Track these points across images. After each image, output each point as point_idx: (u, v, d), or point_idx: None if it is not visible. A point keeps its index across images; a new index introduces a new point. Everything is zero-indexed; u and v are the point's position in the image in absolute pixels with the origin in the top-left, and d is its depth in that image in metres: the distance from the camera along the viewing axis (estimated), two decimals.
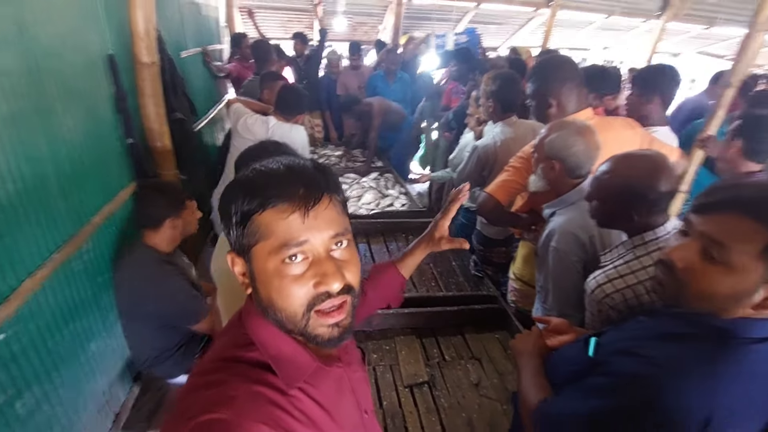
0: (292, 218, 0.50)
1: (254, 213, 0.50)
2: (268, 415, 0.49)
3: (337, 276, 0.51)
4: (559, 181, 1.31)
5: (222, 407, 0.46)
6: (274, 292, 0.51)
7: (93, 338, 1.52)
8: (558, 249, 1.26)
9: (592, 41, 7.17)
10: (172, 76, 2.27)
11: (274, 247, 0.50)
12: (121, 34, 1.71)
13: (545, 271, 1.33)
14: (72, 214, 1.36)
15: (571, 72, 1.49)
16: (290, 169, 0.53)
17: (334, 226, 0.52)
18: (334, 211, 0.53)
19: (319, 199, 0.51)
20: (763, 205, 0.62)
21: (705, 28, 6.27)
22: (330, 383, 0.59)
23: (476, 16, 5.72)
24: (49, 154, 1.24)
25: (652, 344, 0.73)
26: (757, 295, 0.63)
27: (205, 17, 3.65)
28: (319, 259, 0.51)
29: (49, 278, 1.24)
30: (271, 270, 0.51)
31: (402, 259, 0.92)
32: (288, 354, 0.54)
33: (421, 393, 1.55)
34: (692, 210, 0.71)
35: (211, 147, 3.49)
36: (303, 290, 0.51)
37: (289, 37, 4.65)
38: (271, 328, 0.55)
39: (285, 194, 0.50)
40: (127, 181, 1.77)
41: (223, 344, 0.57)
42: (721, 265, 0.64)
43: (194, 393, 0.50)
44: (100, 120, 1.54)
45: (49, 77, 1.23)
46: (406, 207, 3.16)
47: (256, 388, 0.50)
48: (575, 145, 1.24)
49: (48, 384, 1.27)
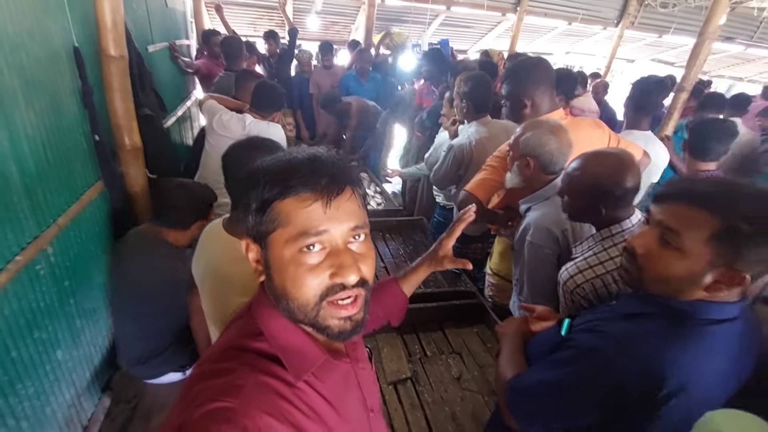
0: (314, 207, 0.50)
1: (275, 200, 0.50)
2: (273, 406, 0.49)
3: (354, 268, 0.51)
4: (534, 178, 1.36)
5: (229, 396, 0.47)
6: (289, 280, 0.51)
7: (59, 346, 1.43)
8: (533, 243, 1.32)
9: (554, 46, 7.47)
10: (140, 70, 2.18)
11: (292, 235, 0.50)
12: (86, 25, 1.62)
13: (521, 264, 1.39)
14: (36, 214, 1.28)
15: (545, 74, 1.56)
16: (314, 159, 0.53)
17: (354, 218, 0.52)
18: (356, 204, 0.54)
19: (342, 190, 0.51)
20: (712, 196, 0.69)
21: (658, 37, 6.68)
22: (337, 378, 0.59)
23: (446, 19, 5.83)
24: (11, 151, 1.16)
25: (613, 323, 0.80)
26: (706, 278, 0.70)
27: (172, 11, 3.52)
28: (337, 251, 0.51)
29: (12, 282, 1.16)
30: (288, 258, 0.51)
31: (404, 277, 0.92)
32: (297, 345, 0.54)
33: (405, 389, 1.57)
34: (652, 200, 0.78)
35: (180, 145, 3.36)
36: (318, 280, 0.51)
37: (258, 34, 4.55)
38: (281, 319, 0.55)
39: (308, 183, 0.50)
40: (94, 179, 1.68)
41: (232, 333, 0.57)
42: (675, 250, 0.71)
43: (203, 381, 0.50)
44: (64, 115, 1.45)
45: (9, 70, 1.15)
46: (381, 206, 3.18)
47: (263, 379, 0.50)
48: (549, 143, 1.30)
49: (12, 397, 1.19)
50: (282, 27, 5.44)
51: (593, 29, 6.51)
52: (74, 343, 1.53)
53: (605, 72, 6.00)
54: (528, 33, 6.47)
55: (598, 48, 7.38)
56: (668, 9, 5.67)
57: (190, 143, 3.58)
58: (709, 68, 7.91)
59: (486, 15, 5.74)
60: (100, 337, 1.72)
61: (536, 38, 6.91)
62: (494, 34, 6.49)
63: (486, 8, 5.32)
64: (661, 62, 8.21)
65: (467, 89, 2.05)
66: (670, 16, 6.01)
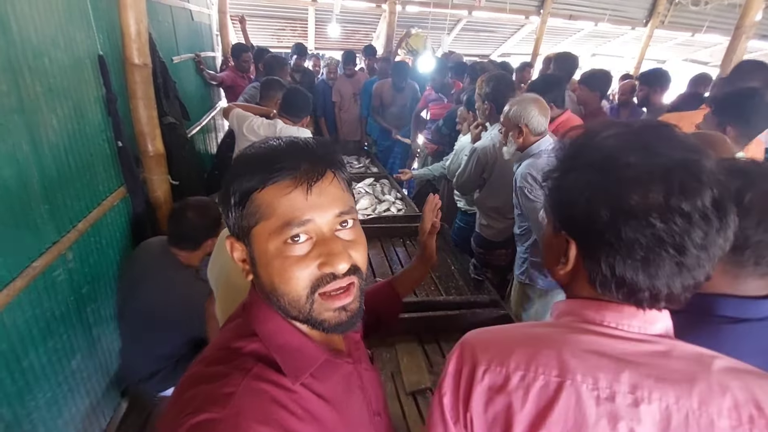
0: (295, 195, 0.47)
1: (254, 191, 0.48)
2: (267, 413, 0.45)
3: (344, 256, 0.48)
4: (526, 142, 1.64)
5: (218, 405, 0.43)
6: (276, 275, 0.48)
7: (74, 355, 1.42)
8: (522, 187, 1.60)
9: (580, 48, 7.29)
10: (164, 79, 2.23)
11: (275, 227, 0.47)
12: (111, 35, 1.66)
13: (520, 208, 1.69)
14: (55, 219, 1.29)
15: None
16: (291, 144, 0.50)
17: (339, 203, 0.49)
18: (339, 188, 0.50)
19: (323, 173, 0.48)
20: None
21: (690, 36, 6.41)
22: (338, 379, 0.55)
23: (468, 24, 5.79)
24: (33, 155, 1.18)
25: None
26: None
27: (198, 24, 3.63)
28: (324, 239, 0.48)
29: (27, 289, 1.16)
30: (273, 252, 0.48)
31: (397, 277, 0.94)
32: (294, 345, 0.51)
33: (425, 400, 1.49)
34: None
35: (203, 154, 3.43)
36: (306, 272, 0.47)
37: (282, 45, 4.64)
38: (275, 318, 0.52)
39: (286, 169, 0.47)
40: (116, 185, 1.71)
41: (226, 334, 0.54)
42: None
43: (193, 386, 0.47)
44: (88, 122, 1.48)
45: (34, 76, 1.18)
46: (402, 212, 3.13)
47: (257, 384, 0.46)
48: (533, 110, 1.59)
49: (29, 403, 1.19)
50: (305, 38, 5.55)
51: (621, 30, 6.31)
52: (90, 352, 1.53)
53: (635, 73, 5.78)
54: (552, 36, 6.34)
55: (626, 49, 7.15)
56: (700, 7, 5.43)
57: (212, 152, 3.65)
58: None
59: (508, 18, 5.66)
60: (116, 345, 1.72)
61: (561, 41, 6.77)
62: (517, 38, 6.39)
63: (508, 11, 5.25)
64: (694, 62, 7.87)
65: (489, 90, 2.00)
66: (702, 14, 5.77)
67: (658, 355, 0.48)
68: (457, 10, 5.18)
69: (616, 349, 0.48)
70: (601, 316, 0.51)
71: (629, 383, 0.46)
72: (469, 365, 0.52)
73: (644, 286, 0.47)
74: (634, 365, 0.47)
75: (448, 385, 0.53)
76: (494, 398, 0.49)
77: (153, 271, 1.54)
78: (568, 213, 0.51)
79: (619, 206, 0.45)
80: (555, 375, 0.47)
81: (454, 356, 0.54)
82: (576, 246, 0.51)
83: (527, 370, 0.48)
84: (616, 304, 0.50)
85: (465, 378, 0.51)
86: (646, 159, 0.45)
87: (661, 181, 0.44)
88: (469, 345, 0.54)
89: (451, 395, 0.53)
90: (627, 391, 0.46)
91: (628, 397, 0.46)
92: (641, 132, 0.48)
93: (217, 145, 3.43)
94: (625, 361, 0.47)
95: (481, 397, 0.50)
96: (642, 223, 0.44)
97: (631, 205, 0.45)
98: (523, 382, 0.48)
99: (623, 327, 0.50)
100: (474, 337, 0.56)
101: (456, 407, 0.52)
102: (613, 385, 0.46)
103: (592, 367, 0.47)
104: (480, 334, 0.56)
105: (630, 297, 0.49)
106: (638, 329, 0.49)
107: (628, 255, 0.46)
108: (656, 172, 0.44)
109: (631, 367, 0.47)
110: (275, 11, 5.14)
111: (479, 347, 0.53)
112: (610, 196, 0.46)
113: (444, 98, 3.45)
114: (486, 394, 0.50)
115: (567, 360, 0.48)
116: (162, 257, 1.56)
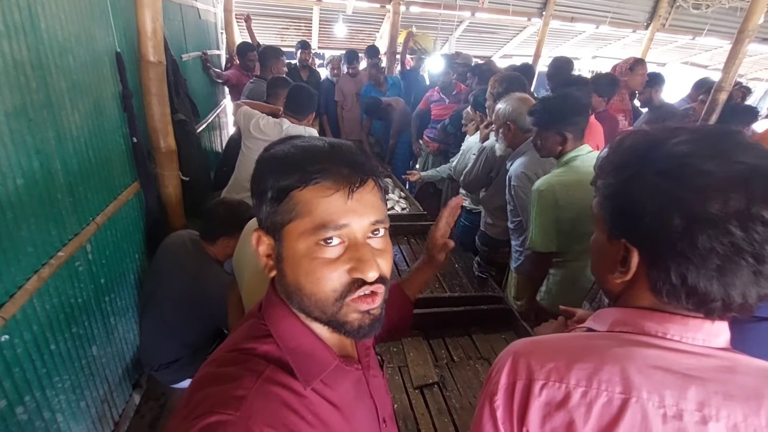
0: (334, 198, 0.47)
1: (294, 189, 0.47)
2: (278, 418, 0.45)
3: (374, 264, 0.48)
4: (516, 139, 1.74)
5: (230, 408, 0.43)
6: (303, 274, 0.48)
7: (94, 342, 1.47)
8: (516, 186, 1.69)
9: (581, 50, 7.33)
10: (176, 77, 2.26)
11: (310, 227, 0.47)
12: (127, 32, 1.70)
13: (513, 204, 1.75)
14: (78, 211, 1.33)
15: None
16: (335, 147, 0.50)
17: (375, 212, 0.50)
18: (377, 197, 0.51)
19: (365, 181, 0.49)
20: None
21: (690, 39, 6.46)
22: (348, 386, 0.55)
23: (470, 25, 5.82)
24: (58, 149, 1.21)
25: None
26: None
27: (204, 22, 3.65)
28: (356, 245, 0.48)
29: (53, 277, 1.20)
30: (303, 251, 0.47)
31: (406, 280, 0.92)
32: (307, 348, 0.51)
33: (432, 394, 1.53)
34: None
35: (209, 151, 3.46)
36: (335, 274, 0.47)
37: (286, 44, 4.65)
38: (291, 319, 0.52)
39: (329, 172, 0.47)
40: (130, 180, 1.74)
41: (240, 334, 0.53)
42: None
43: (205, 386, 0.47)
44: (106, 117, 1.52)
45: (59, 72, 1.21)
46: (407, 211, 3.16)
47: (269, 387, 0.46)
48: (521, 109, 1.66)
49: (50, 389, 1.23)
50: (309, 37, 5.57)
51: (622, 32, 6.35)
52: (108, 340, 1.57)
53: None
54: (553, 38, 6.38)
55: (627, 51, 7.19)
56: (701, 10, 5.48)
57: (219, 150, 3.67)
58: (744, 71, 7.58)
59: (511, 20, 5.70)
60: (131, 335, 1.76)
61: (562, 43, 6.80)
62: (519, 39, 6.42)
63: (511, 13, 5.28)
64: (693, 65, 7.93)
65: (501, 90, 2.02)
66: (702, 18, 5.81)
67: (724, 370, 0.46)
68: (460, 11, 5.22)
69: (682, 364, 0.46)
70: (663, 329, 0.49)
71: (696, 400, 0.44)
72: (524, 380, 0.50)
73: (718, 296, 0.45)
74: (700, 381, 0.45)
75: (501, 399, 0.51)
76: (553, 414, 0.48)
77: (185, 263, 1.60)
78: (633, 221, 0.49)
79: (695, 214, 0.44)
80: (619, 392, 0.46)
81: (506, 369, 0.52)
82: (639, 254, 0.50)
83: (589, 387, 0.47)
84: (681, 316, 0.49)
85: (520, 392, 0.50)
86: (725, 166, 0.44)
87: (741, 188, 0.43)
88: (523, 358, 0.52)
89: (504, 409, 0.51)
90: (694, 409, 0.44)
91: (695, 414, 0.44)
92: (713, 138, 0.47)
93: (226, 143, 3.45)
94: (691, 377, 0.45)
95: (538, 413, 0.48)
96: (720, 232, 0.43)
97: (710, 213, 0.43)
98: (585, 399, 0.46)
99: (687, 340, 0.48)
100: (526, 349, 0.53)
101: (510, 421, 0.51)
102: (680, 402, 0.44)
103: (657, 383, 0.45)
104: (532, 346, 0.54)
105: (701, 306, 0.47)
106: (702, 342, 0.48)
107: (702, 264, 0.44)
108: (736, 179, 0.43)
109: (697, 383, 0.45)
110: (279, 10, 5.16)
111: (534, 360, 0.51)
112: (685, 204, 0.45)
113: (446, 99, 3.48)
114: (543, 410, 0.48)
115: (631, 376, 0.46)
116: (193, 249, 1.64)
